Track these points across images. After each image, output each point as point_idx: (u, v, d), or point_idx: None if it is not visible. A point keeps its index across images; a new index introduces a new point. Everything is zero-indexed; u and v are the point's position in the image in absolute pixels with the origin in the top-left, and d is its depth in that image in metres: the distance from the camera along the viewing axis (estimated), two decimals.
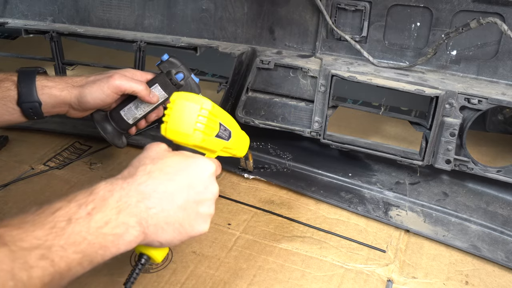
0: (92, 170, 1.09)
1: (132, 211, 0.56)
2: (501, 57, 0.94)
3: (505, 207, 0.99)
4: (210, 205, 0.65)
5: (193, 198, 0.63)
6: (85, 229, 0.52)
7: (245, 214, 0.98)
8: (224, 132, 0.74)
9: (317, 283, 0.81)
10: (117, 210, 0.55)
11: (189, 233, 0.63)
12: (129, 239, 0.56)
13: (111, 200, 0.55)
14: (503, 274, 0.86)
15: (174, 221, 0.61)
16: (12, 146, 1.16)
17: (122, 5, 1.20)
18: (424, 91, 0.91)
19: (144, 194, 0.58)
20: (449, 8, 0.94)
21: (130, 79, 0.87)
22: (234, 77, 1.09)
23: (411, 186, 1.05)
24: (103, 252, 0.53)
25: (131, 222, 0.56)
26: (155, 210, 0.58)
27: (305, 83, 1.04)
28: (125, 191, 0.57)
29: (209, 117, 0.68)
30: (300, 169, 1.11)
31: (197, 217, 0.63)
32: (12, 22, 1.26)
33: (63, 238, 0.50)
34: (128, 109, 0.92)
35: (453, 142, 0.93)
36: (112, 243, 0.54)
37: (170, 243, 0.62)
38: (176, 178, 0.61)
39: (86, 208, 0.53)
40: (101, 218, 0.53)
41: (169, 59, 0.93)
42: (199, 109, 0.66)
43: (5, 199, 0.97)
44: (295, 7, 1.07)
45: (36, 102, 0.83)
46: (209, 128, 0.68)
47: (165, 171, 0.61)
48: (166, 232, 0.60)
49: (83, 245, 0.51)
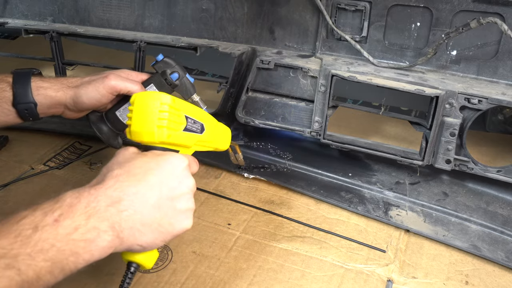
0: (92, 170, 1.09)
1: (103, 215, 0.54)
2: (501, 57, 0.94)
3: (505, 207, 0.99)
4: (188, 200, 0.64)
5: (167, 195, 0.61)
6: (52, 236, 0.50)
7: (245, 214, 0.98)
8: (193, 125, 0.72)
9: (317, 283, 0.81)
10: (86, 215, 0.53)
11: (170, 231, 0.62)
12: (102, 244, 0.54)
13: (79, 206, 0.54)
14: (503, 274, 0.86)
15: (151, 222, 0.59)
16: (12, 146, 1.16)
17: (122, 5, 1.20)
18: (424, 91, 0.91)
19: (113, 198, 0.56)
20: (449, 8, 0.94)
21: (125, 79, 0.87)
22: (234, 77, 1.09)
23: (411, 186, 1.05)
24: (74, 259, 0.52)
25: (103, 226, 0.54)
26: (127, 212, 0.57)
27: (305, 83, 1.04)
28: (93, 196, 0.55)
29: (171, 111, 0.66)
30: (300, 169, 1.11)
31: (176, 214, 0.62)
32: (12, 22, 1.26)
33: (30, 246, 0.48)
34: (124, 109, 0.92)
35: (453, 142, 0.93)
36: (83, 249, 0.52)
37: (152, 245, 0.61)
38: (146, 178, 0.60)
39: (53, 215, 0.52)
40: (69, 225, 0.52)
41: (164, 59, 0.93)
42: (158, 105, 0.65)
43: (5, 199, 0.97)
44: (295, 7, 1.07)
45: (32, 103, 0.82)
46: (173, 123, 0.67)
47: (133, 173, 0.60)
48: (145, 234, 0.59)
49: (52, 252, 0.50)
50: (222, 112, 1.13)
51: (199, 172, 1.10)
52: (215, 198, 1.02)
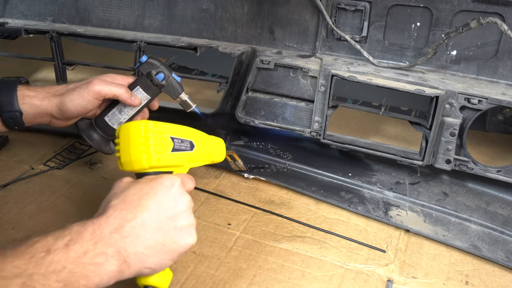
0: (92, 170, 1.09)
1: (108, 241, 0.57)
2: (501, 57, 0.94)
3: (505, 207, 0.99)
4: (188, 216, 0.66)
5: (166, 215, 0.63)
6: (64, 259, 0.52)
7: (245, 214, 0.98)
8: (181, 144, 0.74)
9: (317, 283, 0.81)
10: (93, 241, 0.56)
11: (176, 249, 0.64)
12: (111, 268, 0.56)
13: (86, 233, 0.56)
14: (503, 274, 0.86)
15: (155, 244, 0.61)
16: (12, 146, 1.16)
17: (122, 5, 1.20)
18: (424, 91, 0.91)
19: (114, 226, 0.59)
20: (449, 8, 0.94)
21: (110, 83, 0.87)
22: (234, 77, 1.09)
23: (411, 186, 1.05)
24: (85, 282, 0.54)
25: (110, 252, 0.57)
26: (130, 238, 0.59)
27: (305, 83, 1.04)
28: (97, 225, 0.58)
29: (154, 136, 0.68)
30: (300, 169, 1.11)
31: (178, 232, 0.64)
32: (12, 22, 1.26)
33: (44, 267, 0.51)
34: (112, 114, 0.91)
35: (453, 142, 0.93)
36: (93, 273, 0.54)
37: (161, 265, 0.63)
38: (142, 203, 0.62)
39: (63, 240, 0.54)
40: (79, 249, 0.54)
41: (148, 60, 0.92)
42: (142, 132, 0.67)
43: (5, 199, 0.97)
44: (295, 7, 1.07)
45: (17, 112, 0.83)
46: (159, 146, 0.69)
47: (129, 200, 0.62)
48: (151, 256, 0.61)
49: (64, 274, 0.52)
50: (222, 112, 1.13)
51: (199, 172, 1.11)
52: (215, 198, 1.02)
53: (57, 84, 0.89)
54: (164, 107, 1.10)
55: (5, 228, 0.89)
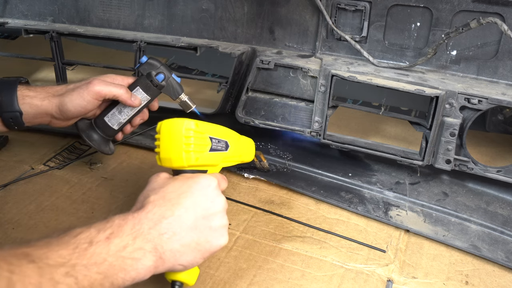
0: (92, 170, 1.09)
1: (146, 237, 0.59)
2: (501, 57, 0.94)
3: (505, 207, 0.99)
4: (222, 217, 0.67)
5: (202, 215, 0.65)
6: (105, 251, 0.54)
7: (245, 214, 0.98)
8: (218, 144, 0.75)
9: (317, 283, 0.81)
10: (132, 236, 0.58)
11: (208, 249, 0.65)
12: (148, 263, 0.58)
13: (126, 227, 0.58)
14: (503, 274, 0.86)
15: (190, 242, 0.63)
16: (12, 146, 1.16)
17: (122, 5, 1.20)
18: (424, 91, 0.91)
19: (153, 222, 0.60)
20: (449, 8, 0.94)
21: (110, 84, 0.87)
22: (234, 77, 1.09)
23: (411, 186, 1.05)
24: (123, 276, 0.56)
25: (147, 247, 0.58)
26: (167, 235, 0.61)
27: (305, 83, 1.04)
28: (137, 220, 0.60)
29: (196, 136, 0.70)
30: (300, 169, 1.11)
31: (212, 232, 0.65)
32: (12, 22, 1.26)
33: (86, 258, 0.53)
34: (112, 114, 0.91)
35: (453, 142, 0.93)
36: (131, 267, 0.56)
37: (193, 263, 0.64)
38: (180, 201, 0.64)
39: (105, 233, 0.56)
40: (119, 243, 0.56)
41: (148, 60, 0.92)
42: (184, 131, 0.69)
43: (5, 199, 0.97)
44: (295, 7, 1.07)
45: (17, 112, 0.83)
46: (198, 146, 0.70)
47: (168, 198, 0.64)
48: (185, 254, 0.63)
49: (105, 266, 0.54)
50: (222, 112, 1.13)
51: None
52: None
53: (57, 84, 0.89)
54: (164, 107, 1.10)
55: (5, 228, 0.89)
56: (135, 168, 1.09)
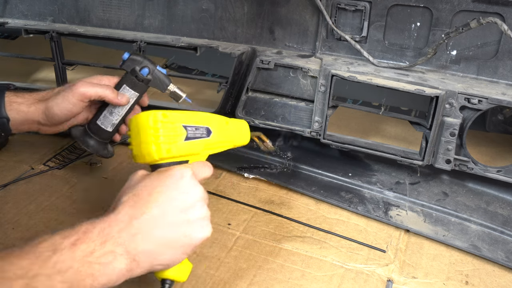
0: (92, 170, 1.09)
1: (117, 240, 0.56)
2: (501, 57, 0.94)
3: (505, 207, 0.99)
4: (200, 208, 0.64)
5: (177, 208, 0.62)
6: (70, 258, 0.52)
7: (245, 214, 0.98)
8: (196, 132, 0.71)
9: (317, 283, 0.81)
10: (101, 240, 0.55)
11: (189, 243, 0.62)
12: (119, 267, 0.56)
13: (93, 232, 0.56)
14: (503, 274, 0.86)
15: (166, 240, 0.60)
16: (12, 146, 1.16)
17: (122, 5, 1.20)
18: (424, 91, 0.91)
19: (124, 223, 0.58)
20: (449, 8, 0.94)
21: (95, 84, 0.86)
22: (234, 77, 1.09)
23: (411, 186, 1.05)
24: (91, 282, 0.53)
25: (118, 250, 0.56)
26: (140, 236, 0.58)
27: (305, 83, 1.04)
28: (106, 223, 0.57)
29: (164, 127, 0.66)
30: (300, 169, 1.11)
31: (190, 225, 0.62)
32: (12, 22, 1.26)
33: (49, 268, 0.50)
34: (104, 117, 0.90)
35: (453, 142, 0.93)
36: (99, 272, 0.54)
37: (174, 261, 0.62)
38: (152, 198, 0.61)
39: (70, 239, 0.54)
40: (85, 248, 0.54)
41: (130, 56, 0.89)
42: (151, 123, 0.65)
43: (5, 199, 0.97)
44: (295, 7, 1.07)
45: (4, 118, 0.82)
46: (169, 137, 0.66)
47: (140, 196, 0.61)
48: (162, 253, 0.60)
49: (70, 273, 0.51)
50: (222, 112, 1.13)
51: None
52: (215, 198, 1.02)
53: (44, 90, 0.88)
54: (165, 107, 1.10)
55: (5, 228, 0.89)
56: (135, 168, 1.09)
